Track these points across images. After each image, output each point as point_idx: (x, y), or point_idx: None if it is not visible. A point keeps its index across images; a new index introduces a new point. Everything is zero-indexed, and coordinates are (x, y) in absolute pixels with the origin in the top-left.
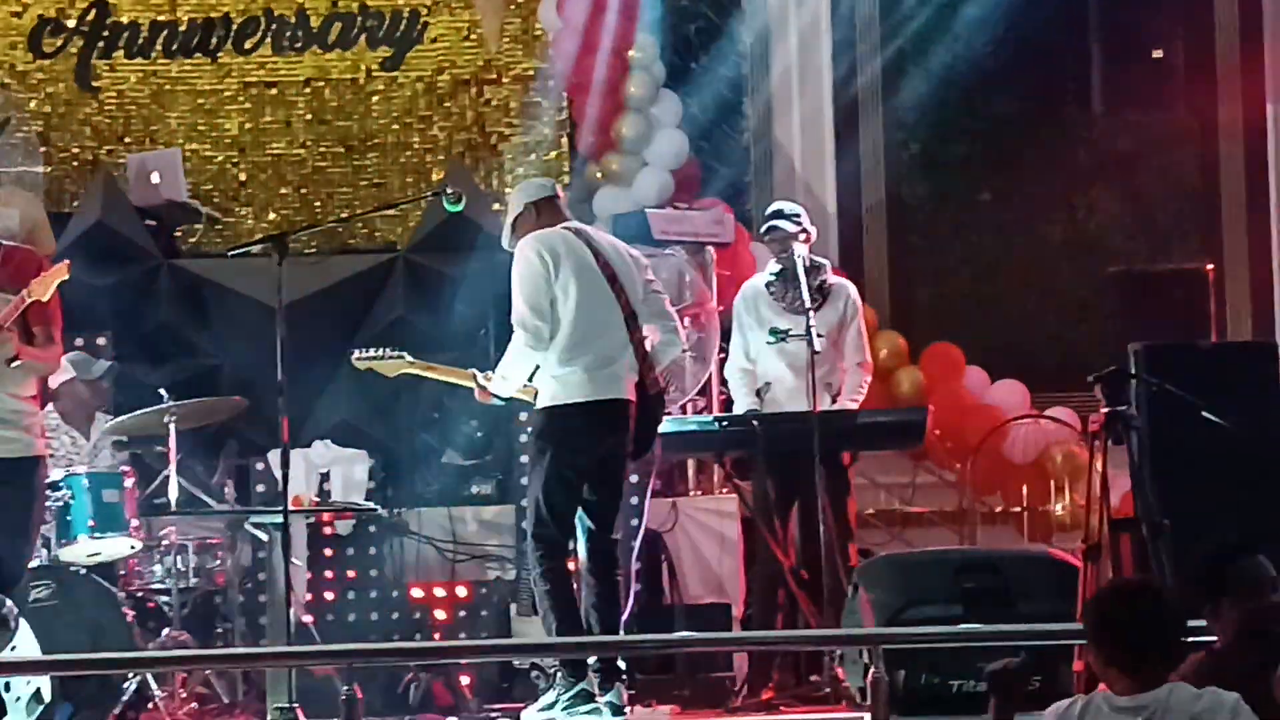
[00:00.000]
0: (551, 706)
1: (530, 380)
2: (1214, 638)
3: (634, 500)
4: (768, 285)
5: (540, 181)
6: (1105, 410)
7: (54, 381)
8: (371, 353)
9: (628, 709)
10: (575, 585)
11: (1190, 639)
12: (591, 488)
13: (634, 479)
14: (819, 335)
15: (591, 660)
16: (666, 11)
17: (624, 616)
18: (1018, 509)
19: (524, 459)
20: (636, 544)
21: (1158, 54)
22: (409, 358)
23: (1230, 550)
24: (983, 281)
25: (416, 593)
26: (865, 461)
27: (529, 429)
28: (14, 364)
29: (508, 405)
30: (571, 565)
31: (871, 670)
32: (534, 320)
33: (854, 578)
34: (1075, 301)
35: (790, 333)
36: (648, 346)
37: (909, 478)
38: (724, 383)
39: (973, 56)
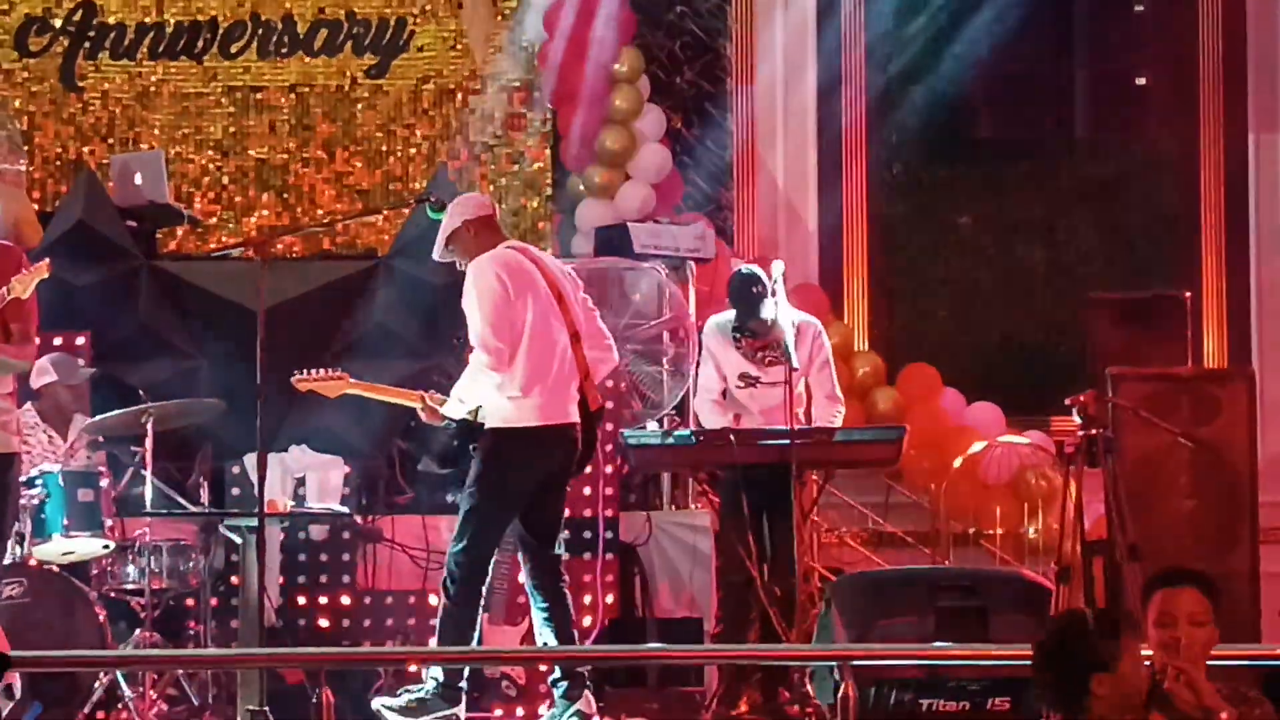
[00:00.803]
0: (416, 713)
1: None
2: None
3: (608, 513)
4: (734, 332)
5: (479, 199)
6: (1081, 434)
7: (36, 382)
8: (312, 374)
9: (595, 719)
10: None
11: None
12: (537, 505)
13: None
14: (794, 368)
15: (555, 672)
16: (652, 27)
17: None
18: (991, 531)
19: None
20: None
21: (1141, 81)
22: (350, 379)
23: (1161, 578)
24: (961, 303)
25: (389, 600)
26: (840, 480)
27: None
28: None
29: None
30: None
31: (842, 687)
32: (496, 342)
33: (826, 594)
34: (1053, 325)
35: (760, 380)
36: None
37: (883, 497)
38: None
39: (957, 79)
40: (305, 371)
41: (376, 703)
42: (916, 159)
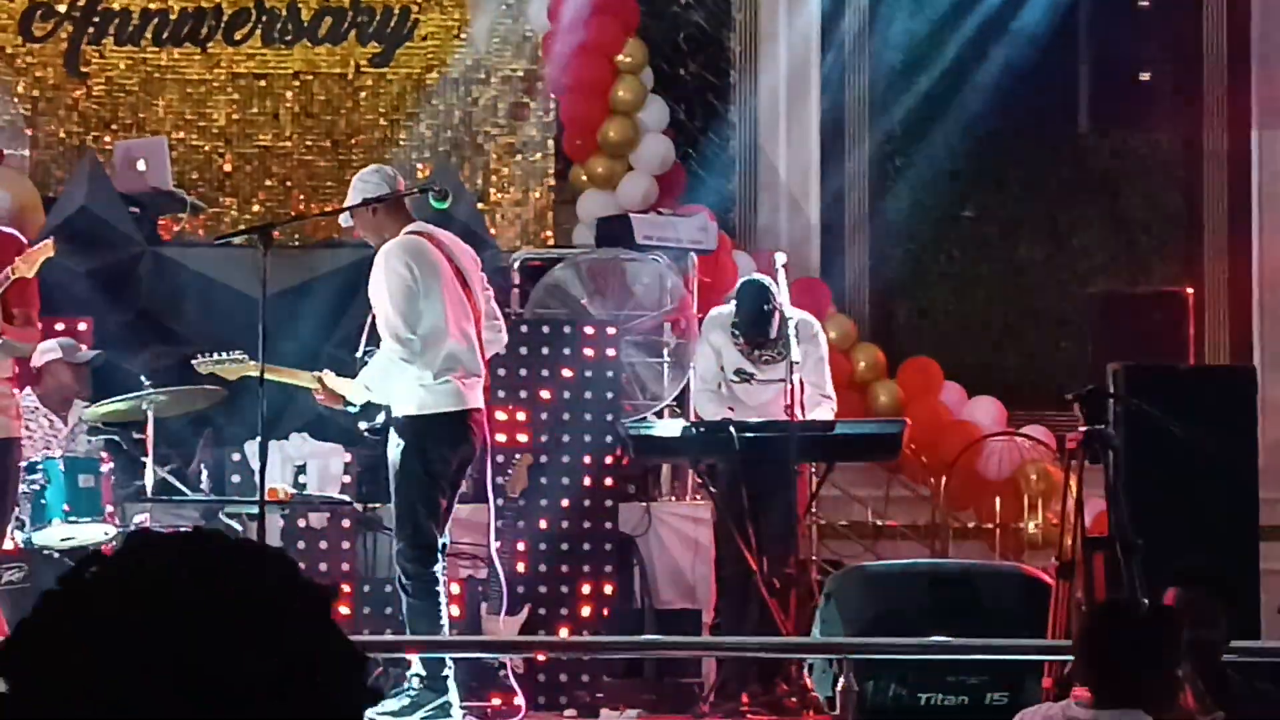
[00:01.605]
0: (408, 712)
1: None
2: None
3: (607, 503)
4: (732, 327)
5: (383, 173)
6: (1082, 429)
7: (38, 360)
8: (213, 357)
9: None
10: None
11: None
12: (447, 493)
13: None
14: (795, 362)
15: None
16: (656, 17)
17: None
18: (991, 525)
19: (499, 458)
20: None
21: (1145, 76)
22: (250, 361)
23: (1181, 579)
24: (963, 297)
25: (389, 588)
26: (839, 473)
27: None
28: None
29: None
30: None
31: (840, 680)
32: (407, 333)
33: (826, 587)
34: (1055, 320)
35: (755, 377)
36: None
37: (883, 490)
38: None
39: (961, 73)
40: (208, 354)
41: (370, 714)
42: (919, 152)
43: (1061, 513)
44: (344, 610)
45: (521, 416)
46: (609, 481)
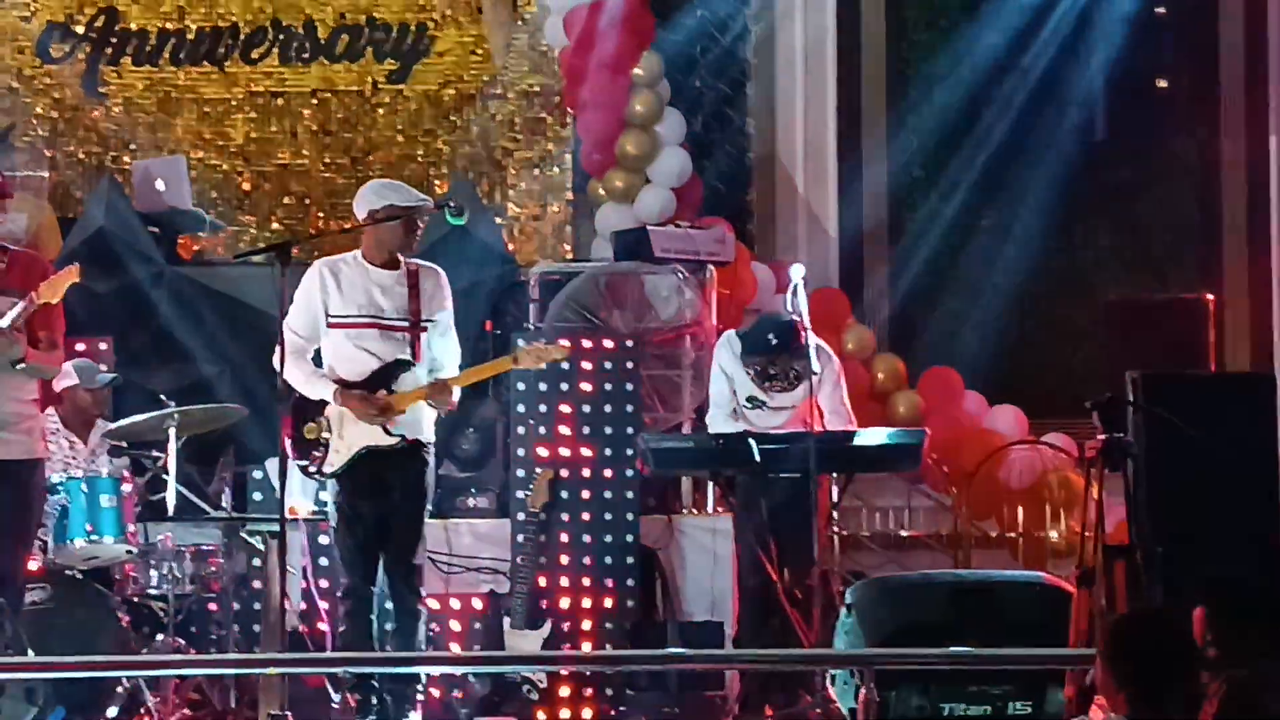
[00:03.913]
0: None
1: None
2: None
3: (628, 516)
4: (742, 356)
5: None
6: (1102, 437)
7: (57, 386)
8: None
9: None
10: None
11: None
12: None
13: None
14: (814, 373)
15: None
16: (672, 30)
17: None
18: (1013, 534)
19: (520, 473)
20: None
21: (1162, 84)
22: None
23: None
24: (982, 307)
25: None
26: (861, 484)
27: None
28: (19, 366)
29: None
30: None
31: (863, 691)
32: None
33: (847, 597)
34: (1073, 329)
35: (767, 405)
36: None
37: (904, 501)
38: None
39: (976, 82)
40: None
41: None
42: (937, 161)
43: (1082, 521)
44: None
45: (541, 431)
46: (629, 495)
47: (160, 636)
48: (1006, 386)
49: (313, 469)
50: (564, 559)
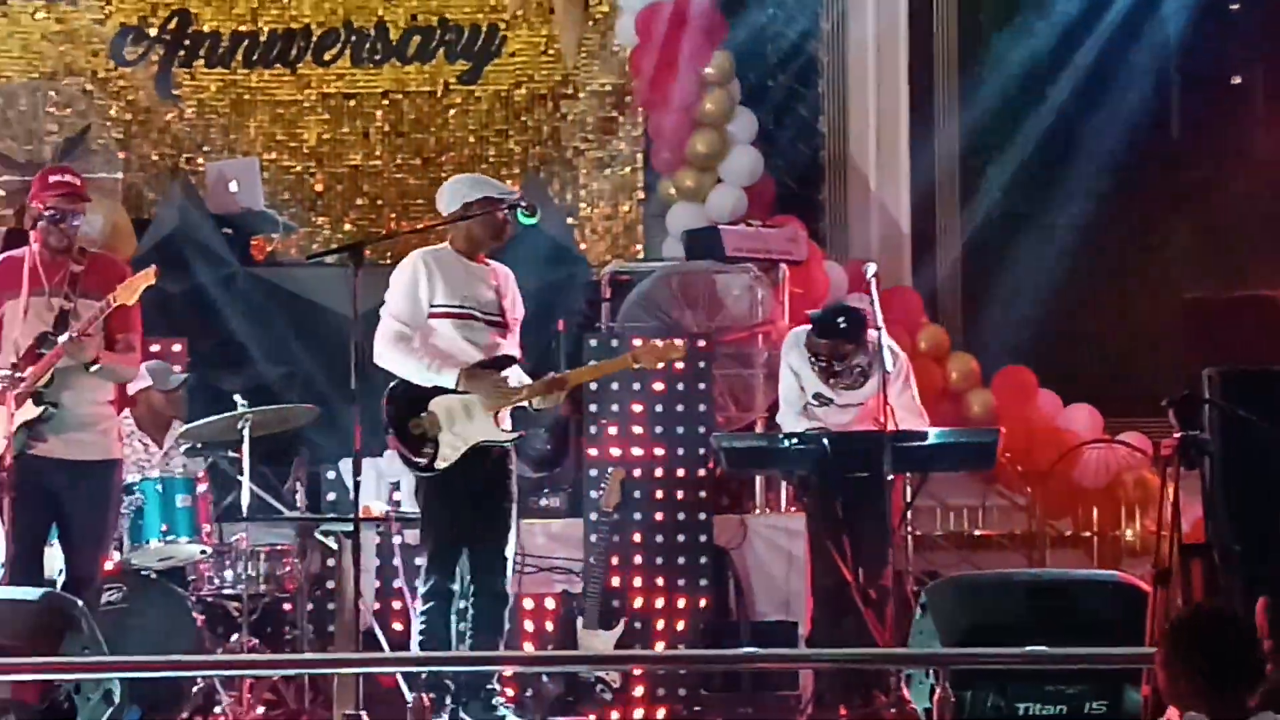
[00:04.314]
0: None
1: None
2: None
3: (701, 516)
4: (808, 346)
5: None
6: (1178, 435)
7: (131, 389)
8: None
9: None
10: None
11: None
12: None
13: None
14: (886, 371)
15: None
16: (744, 29)
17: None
18: (1088, 533)
19: (593, 473)
20: None
21: (1237, 80)
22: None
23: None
24: (1056, 305)
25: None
26: (935, 484)
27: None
28: (94, 368)
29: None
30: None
31: (938, 691)
32: None
33: (922, 598)
34: (1149, 326)
35: (834, 403)
36: None
37: (979, 500)
38: None
39: (1051, 80)
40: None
41: None
42: (1010, 160)
43: (1158, 519)
44: None
45: (613, 430)
46: (703, 494)
47: (235, 636)
48: (1081, 385)
49: (423, 464)
50: (637, 559)
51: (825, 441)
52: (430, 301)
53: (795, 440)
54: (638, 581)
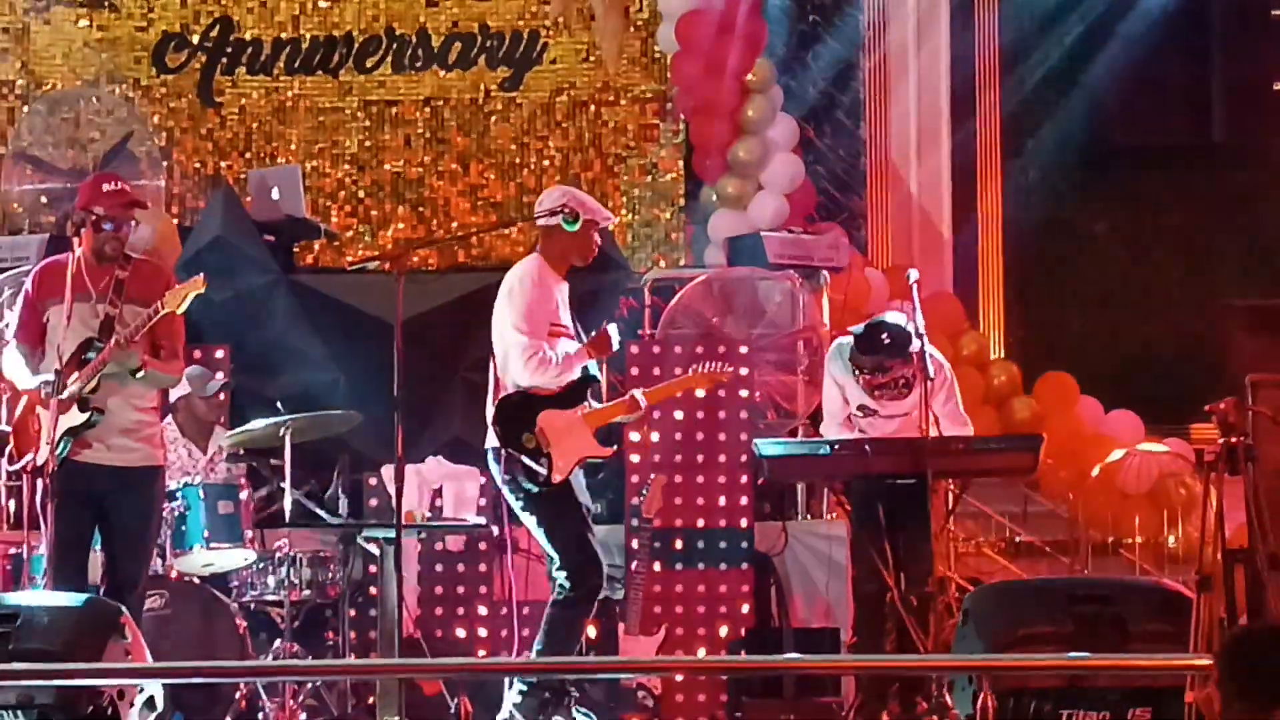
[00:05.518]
0: None
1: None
2: None
3: (743, 522)
4: (851, 360)
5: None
6: (1221, 441)
7: (172, 395)
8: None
9: None
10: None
11: None
12: None
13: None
14: (935, 370)
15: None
16: (786, 36)
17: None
18: (1130, 540)
19: (634, 479)
20: None
21: (1278, 85)
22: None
23: None
24: (1098, 311)
25: (526, 610)
26: (977, 490)
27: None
28: (139, 375)
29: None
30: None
31: (981, 698)
32: None
33: (964, 604)
34: (1192, 332)
35: (878, 414)
36: None
37: (1021, 507)
38: None
39: (1093, 86)
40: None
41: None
42: (1052, 165)
43: (1201, 526)
44: (482, 632)
45: (655, 437)
46: (744, 501)
47: (277, 642)
48: (1123, 391)
49: (543, 475)
50: (678, 565)
51: (867, 448)
52: (552, 321)
53: (838, 447)
54: (679, 587)
